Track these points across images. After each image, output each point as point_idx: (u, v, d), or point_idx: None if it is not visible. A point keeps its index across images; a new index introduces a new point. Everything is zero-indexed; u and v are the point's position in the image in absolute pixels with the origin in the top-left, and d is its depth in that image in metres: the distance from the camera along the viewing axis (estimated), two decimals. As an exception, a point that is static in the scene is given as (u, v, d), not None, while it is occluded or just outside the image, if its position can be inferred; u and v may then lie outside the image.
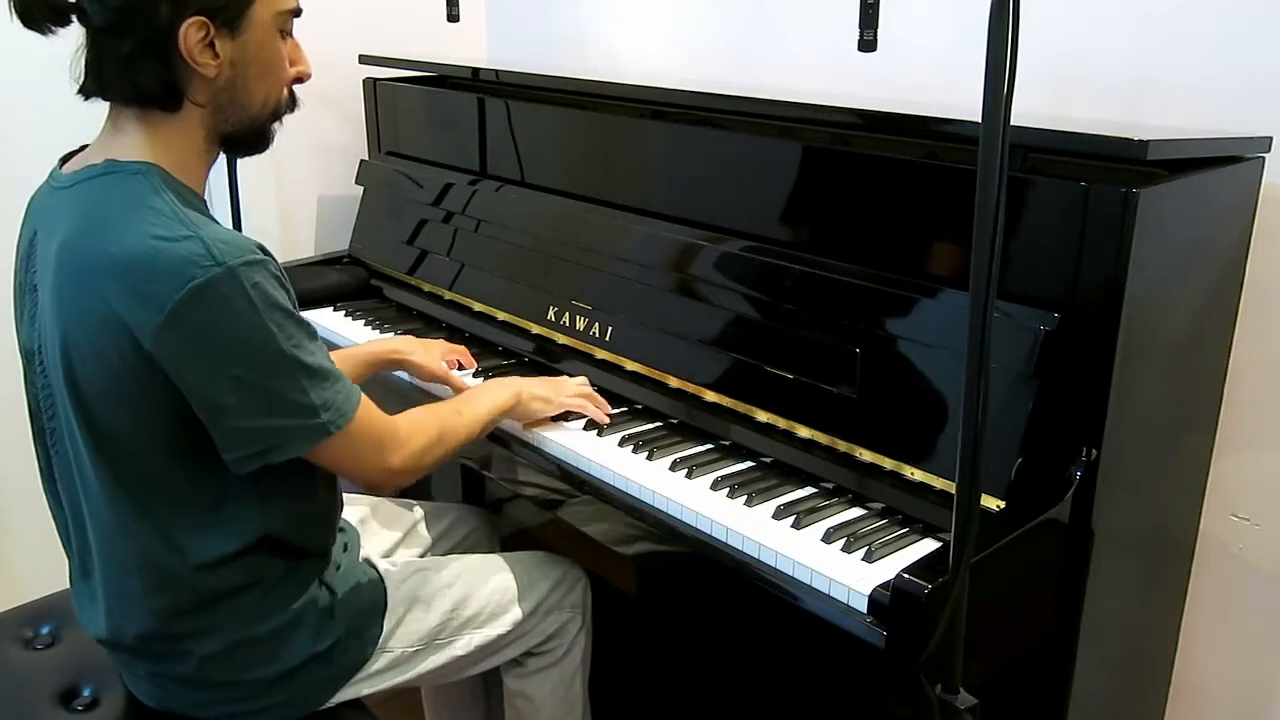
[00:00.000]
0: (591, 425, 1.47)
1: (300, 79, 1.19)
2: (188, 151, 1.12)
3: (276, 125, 1.20)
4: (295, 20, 1.17)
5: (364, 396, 1.15)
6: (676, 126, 1.63)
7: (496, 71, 1.98)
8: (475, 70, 2.00)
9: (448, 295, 1.91)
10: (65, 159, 1.17)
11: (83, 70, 1.09)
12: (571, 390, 1.50)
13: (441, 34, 2.32)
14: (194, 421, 1.07)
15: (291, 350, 1.06)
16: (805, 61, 1.86)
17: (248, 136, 1.17)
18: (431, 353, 1.62)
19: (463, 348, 1.70)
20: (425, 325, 1.91)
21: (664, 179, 1.64)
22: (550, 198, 1.79)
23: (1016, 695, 1.28)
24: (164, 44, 1.05)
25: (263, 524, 1.17)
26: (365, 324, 1.93)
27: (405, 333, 1.85)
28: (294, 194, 2.27)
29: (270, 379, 1.06)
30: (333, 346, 1.87)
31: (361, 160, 2.20)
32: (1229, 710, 1.58)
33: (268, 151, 1.22)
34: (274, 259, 1.09)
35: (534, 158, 1.86)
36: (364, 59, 2.14)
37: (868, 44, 1.32)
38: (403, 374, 1.66)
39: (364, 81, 2.21)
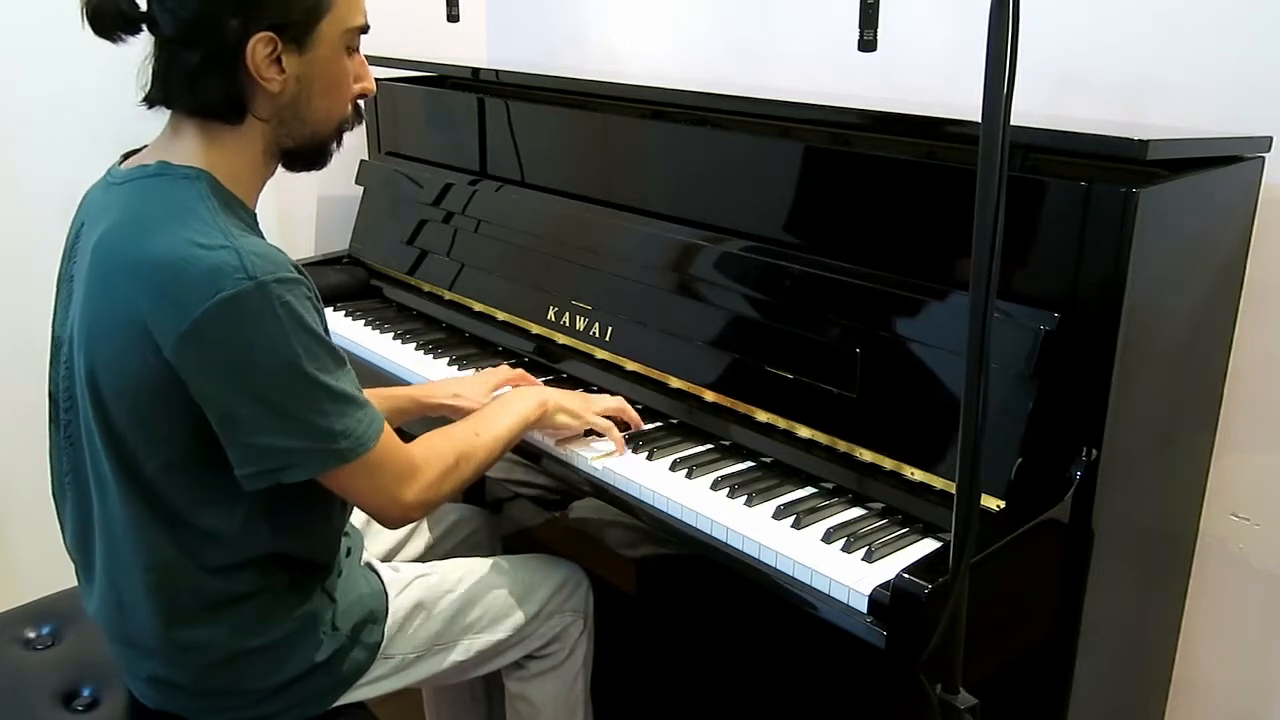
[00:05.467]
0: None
1: (364, 95, 1.18)
2: (244, 164, 1.12)
3: (336, 144, 1.18)
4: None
5: (386, 426, 1.13)
6: (676, 126, 1.63)
7: (496, 71, 1.98)
8: (475, 70, 2.00)
9: (448, 295, 1.91)
10: (126, 156, 1.16)
11: (150, 79, 1.08)
12: (602, 408, 1.43)
13: (441, 34, 2.32)
14: (210, 434, 1.06)
15: (314, 372, 1.04)
16: (805, 61, 1.86)
17: (307, 152, 1.16)
18: (478, 391, 1.49)
19: (519, 371, 1.57)
20: (425, 325, 1.92)
21: (664, 179, 1.64)
22: (550, 198, 1.79)
23: (1016, 695, 1.28)
24: (231, 58, 1.05)
25: (275, 540, 1.16)
26: (365, 324, 1.93)
27: (405, 333, 1.86)
28: (294, 194, 2.27)
29: (289, 399, 1.04)
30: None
31: (361, 160, 2.20)
32: (1229, 710, 1.58)
33: None
34: (309, 280, 1.07)
35: (534, 158, 1.86)
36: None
37: (868, 44, 1.32)
38: None
39: (364, 81, 2.21)
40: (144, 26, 1.06)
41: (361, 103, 1.20)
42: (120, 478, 1.10)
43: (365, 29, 1.15)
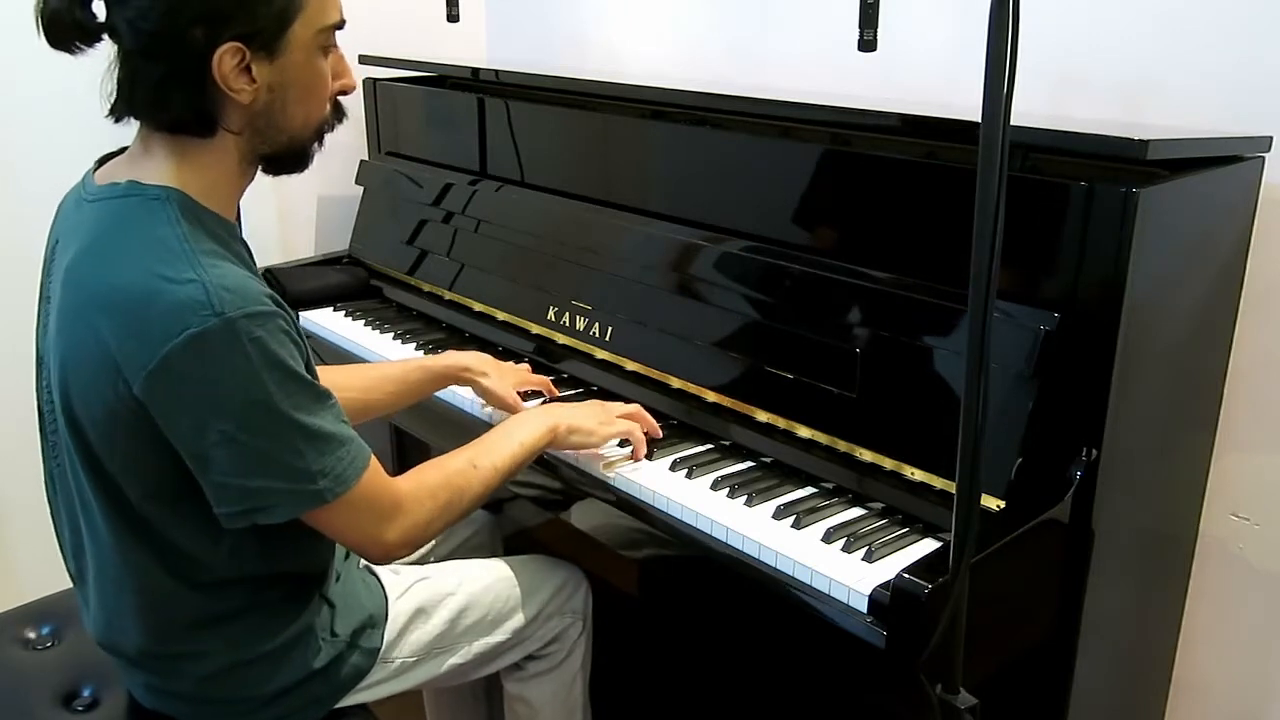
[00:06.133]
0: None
1: (344, 92, 1.14)
2: (219, 176, 1.07)
3: (317, 145, 1.14)
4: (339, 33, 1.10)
5: (373, 462, 1.09)
6: (676, 126, 1.63)
7: (496, 71, 1.98)
8: (475, 70, 2.00)
9: (448, 295, 1.91)
10: (102, 161, 1.13)
11: (114, 89, 1.03)
12: (621, 427, 1.39)
13: (441, 34, 2.32)
14: (186, 468, 1.03)
15: (288, 410, 1.00)
16: (805, 61, 1.86)
17: (286, 157, 1.12)
18: (505, 379, 1.52)
19: (543, 379, 1.58)
20: (425, 325, 1.92)
21: (664, 179, 1.64)
22: (550, 198, 1.79)
23: (1016, 695, 1.28)
24: (197, 70, 1.00)
25: (265, 561, 1.14)
26: (365, 324, 1.93)
27: (405, 333, 1.86)
28: (293, 194, 2.27)
29: (261, 438, 1.00)
30: (335, 348, 1.88)
31: (361, 160, 2.20)
32: (1229, 710, 1.58)
33: None
34: (287, 312, 1.03)
35: (534, 158, 1.86)
36: (364, 59, 2.14)
37: (868, 44, 1.32)
38: (466, 396, 1.58)
39: (364, 81, 2.21)
40: (103, 37, 1.01)
41: (344, 99, 1.15)
42: (103, 502, 1.09)
43: (341, 25, 1.10)
